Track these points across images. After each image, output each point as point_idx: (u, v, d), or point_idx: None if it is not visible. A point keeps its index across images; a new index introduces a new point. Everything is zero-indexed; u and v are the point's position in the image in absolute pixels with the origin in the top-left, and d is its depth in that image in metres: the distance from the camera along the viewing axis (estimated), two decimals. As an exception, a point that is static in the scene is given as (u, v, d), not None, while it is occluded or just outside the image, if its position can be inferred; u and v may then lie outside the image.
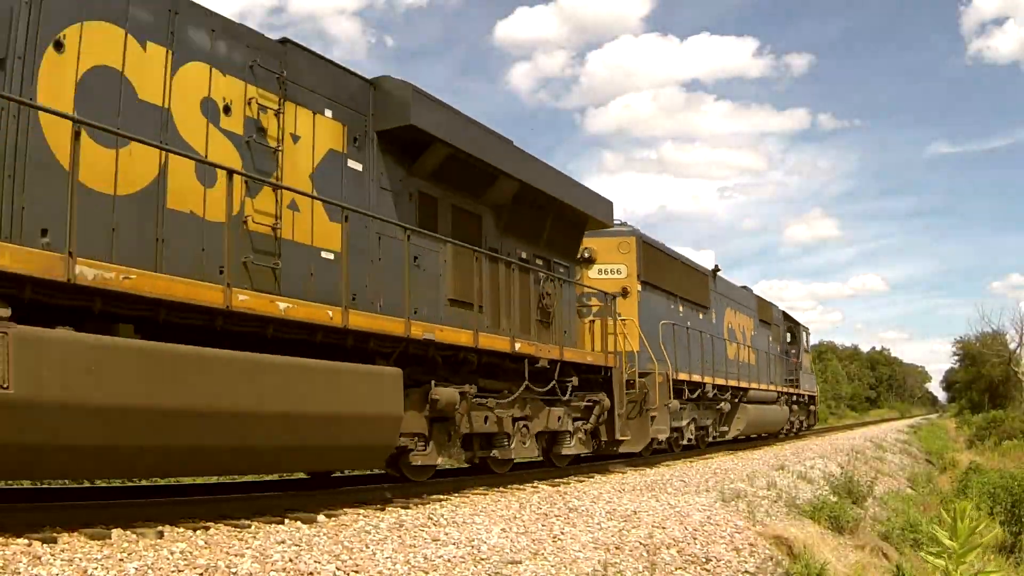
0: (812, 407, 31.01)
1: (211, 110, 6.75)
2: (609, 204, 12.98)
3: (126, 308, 5.71)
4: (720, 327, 20.14)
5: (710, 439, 18.76)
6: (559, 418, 11.17)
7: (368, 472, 9.95)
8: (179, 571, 4.51)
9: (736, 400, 19.94)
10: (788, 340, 28.43)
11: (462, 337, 8.89)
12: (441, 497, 8.23)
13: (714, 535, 7.80)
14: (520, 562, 5.86)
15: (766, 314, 25.45)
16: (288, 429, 6.56)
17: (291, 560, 5.02)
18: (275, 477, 10.42)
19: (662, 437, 14.64)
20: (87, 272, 5.29)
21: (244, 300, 6.35)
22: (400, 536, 6.06)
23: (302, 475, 9.58)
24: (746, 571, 7.19)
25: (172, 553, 4.82)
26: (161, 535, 5.27)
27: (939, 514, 9.42)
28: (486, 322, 9.70)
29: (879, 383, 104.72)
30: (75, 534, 5.03)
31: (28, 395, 4.83)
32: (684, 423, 16.41)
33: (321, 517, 6.46)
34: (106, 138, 5.79)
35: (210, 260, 6.45)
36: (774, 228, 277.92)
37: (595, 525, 7.38)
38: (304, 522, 6.23)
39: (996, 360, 64.12)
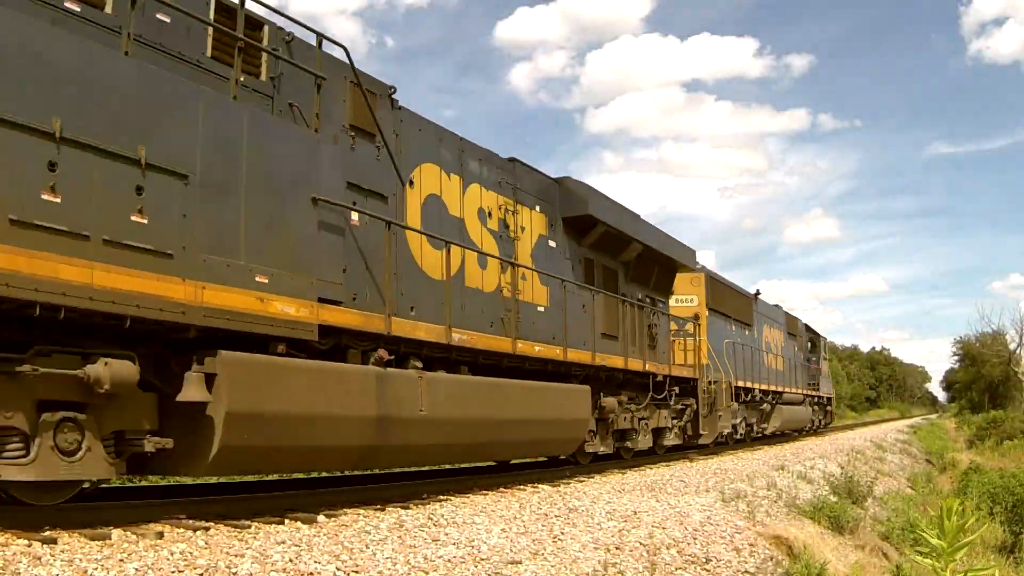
0: (829, 407, 35.50)
1: (482, 216, 10.22)
2: (693, 252, 16.73)
3: (462, 356, 9.21)
4: (760, 341, 24.13)
5: (755, 434, 22.80)
6: (664, 417, 14.92)
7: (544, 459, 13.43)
8: (179, 571, 4.64)
9: (774, 402, 24.07)
10: (809, 349, 32.59)
11: (619, 362, 12.70)
12: (441, 497, 8.71)
13: (714, 535, 8.06)
14: (520, 562, 6.01)
15: (793, 327, 29.60)
16: (539, 428, 10.17)
17: (291, 560, 5.15)
18: (275, 477, 10.99)
19: (726, 432, 18.67)
20: (455, 336, 8.81)
21: (520, 346, 9.92)
22: (400, 536, 6.26)
23: (301, 475, 11.21)
24: (746, 571, 7.38)
25: (172, 553, 4.97)
26: (161, 535, 5.48)
27: (930, 514, 9.92)
28: (620, 348, 13.23)
29: (879, 383, 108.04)
30: (75, 534, 5.25)
31: (431, 415, 8.29)
32: (737, 421, 20.35)
33: (321, 517, 6.81)
34: (436, 242, 9.16)
35: (484, 318, 9.89)
36: (774, 228, 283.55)
37: (595, 525, 7.64)
38: (304, 522, 6.56)
39: (996, 360, 66.27)
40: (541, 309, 11.09)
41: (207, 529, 5.91)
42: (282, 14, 7.49)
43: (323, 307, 7.20)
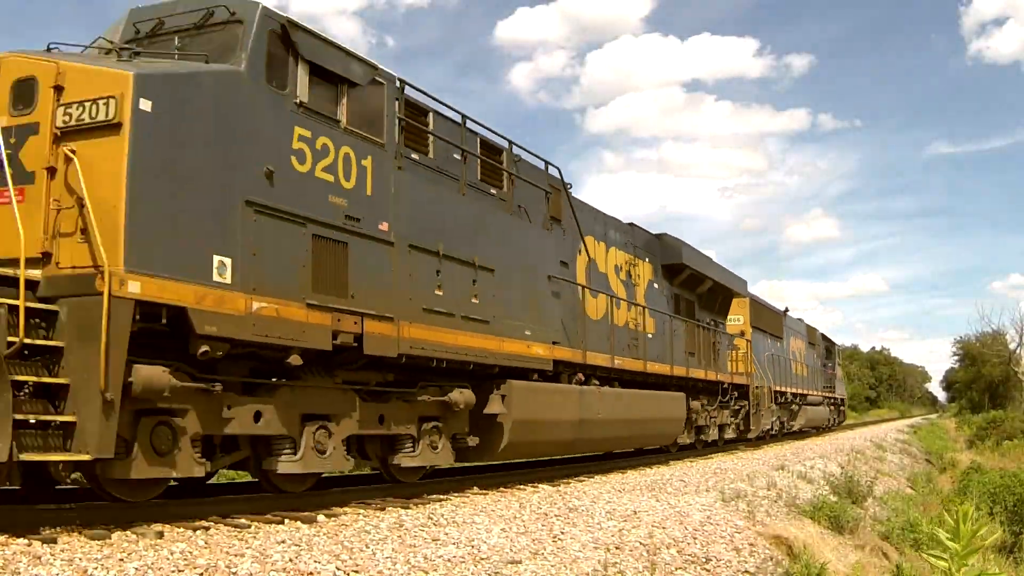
0: (842, 407, 41.50)
1: (617, 271, 14.47)
2: (745, 282, 21.56)
3: (612, 375, 13.42)
4: (788, 350, 28.92)
5: (785, 430, 27.76)
6: (726, 416, 19.54)
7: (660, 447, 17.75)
8: (179, 571, 4.80)
9: (800, 403, 29.16)
10: (825, 356, 37.70)
11: (701, 374, 17.31)
12: (441, 497, 9.05)
13: (714, 535, 8.31)
14: (520, 562, 6.18)
15: (812, 337, 34.98)
16: (656, 425, 14.66)
17: (291, 560, 5.32)
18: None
19: (766, 428, 23.70)
20: (616, 361, 13.03)
21: (648, 366, 14.25)
22: (400, 536, 6.45)
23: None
24: (746, 571, 7.58)
25: (172, 553, 5.15)
26: (161, 535, 5.70)
27: (940, 515, 10.31)
28: (697, 362, 17.58)
29: (879, 383, 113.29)
30: (75, 534, 5.47)
31: (604, 417, 12.50)
32: (773, 419, 25.09)
33: (321, 517, 7.09)
34: (595, 293, 13.35)
35: (621, 346, 14.07)
36: (774, 228, 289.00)
37: (595, 525, 7.88)
38: (304, 522, 6.83)
39: (996, 360, 70.79)
40: (650, 336, 15.39)
41: (207, 529, 6.26)
42: (523, 148, 11.64)
43: (554, 347, 11.40)
